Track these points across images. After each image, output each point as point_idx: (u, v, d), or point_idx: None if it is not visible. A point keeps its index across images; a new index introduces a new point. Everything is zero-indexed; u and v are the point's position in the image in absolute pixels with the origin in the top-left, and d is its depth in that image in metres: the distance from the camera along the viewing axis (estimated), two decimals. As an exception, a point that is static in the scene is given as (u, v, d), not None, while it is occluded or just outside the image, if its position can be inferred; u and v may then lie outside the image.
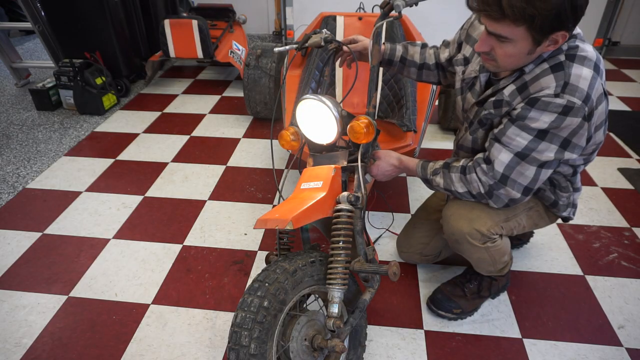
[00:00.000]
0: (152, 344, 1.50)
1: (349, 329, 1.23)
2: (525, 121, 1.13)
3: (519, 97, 1.15)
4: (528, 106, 1.11)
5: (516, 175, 1.20)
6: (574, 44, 1.11)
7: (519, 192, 1.22)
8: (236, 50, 3.50)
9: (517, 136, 1.15)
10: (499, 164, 1.20)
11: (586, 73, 1.08)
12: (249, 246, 1.92)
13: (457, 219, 1.36)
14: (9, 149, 2.71)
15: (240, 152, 2.65)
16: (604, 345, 1.48)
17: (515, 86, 1.16)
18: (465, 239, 1.35)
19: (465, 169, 1.28)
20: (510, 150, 1.17)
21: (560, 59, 1.10)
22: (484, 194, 1.26)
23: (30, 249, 1.92)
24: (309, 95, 1.27)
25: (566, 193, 1.36)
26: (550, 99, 1.08)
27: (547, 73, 1.10)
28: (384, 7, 1.45)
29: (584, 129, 1.12)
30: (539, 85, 1.11)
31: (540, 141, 1.14)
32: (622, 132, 2.79)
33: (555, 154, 1.15)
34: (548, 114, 1.09)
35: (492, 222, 1.33)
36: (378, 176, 1.44)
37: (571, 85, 1.07)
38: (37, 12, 3.16)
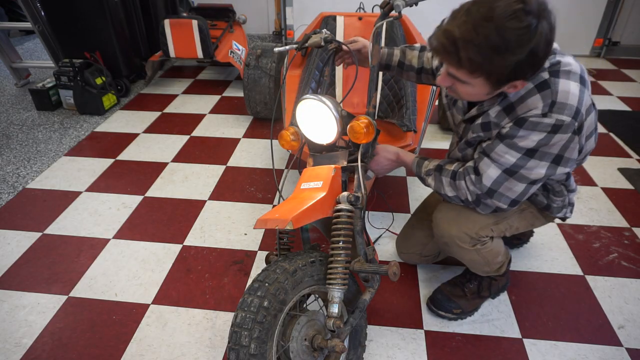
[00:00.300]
0: (152, 344, 1.50)
1: (349, 329, 1.23)
2: (513, 140, 1.12)
3: (506, 117, 1.13)
4: (516, 126, 1.10)
5: (504, 190, 1.19)
6: (555, 60, 1.09)
7: (505, 204, 1.22)
8: (236, 50, 3.50)
9: (506, 153, 1.14)
10: (487, 179, 1.19)
11: (574, 88, 1.06)
12: (249, 246, 1.92)
13: (446, 223, 1.36)
14: (9, 149, 2.71)
15: (240, 152, 2.65)
16: (604, 345, 1.48)
17: (500, 107, 1.15)
18: (454, 242, 1.36)
19: (456, 175, 1.28)
20: (499, 166, 1.16)
21: (544, 77, 1.08)
22: (471, 201, 1.26)
23: (30, 249, 1.92)
24: (309, 95, 1.27)
25: (560, 197, 1.35)
26: (539, 119, 1.07)
27: (533, 93, 1.08)
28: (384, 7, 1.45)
29: (575, 142, 1.11)
30: (526, 106, 1.09)
31: (530, 159, 1.13)
32: (622, 132, 2.79)
33: (547, 170, 1.14)
34: (537, 133, 1.08)
35: (481, 225, 1.33)
36: (376, 170, 1.45)
37: (559, 104, 1.05)
38: (37, 12, 3.16)
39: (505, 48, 0.95)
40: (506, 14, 0.93)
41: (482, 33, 0.95)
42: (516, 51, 0.95)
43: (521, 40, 0.94)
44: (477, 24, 0.95)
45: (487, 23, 0.94)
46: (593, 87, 3.46)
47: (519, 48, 0.95)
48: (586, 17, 3.92)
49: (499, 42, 0.94)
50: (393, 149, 1.43)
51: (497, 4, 0.94)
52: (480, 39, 0.95)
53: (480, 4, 0.96)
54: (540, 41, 0.95)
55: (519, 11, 0.93)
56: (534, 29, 0.93)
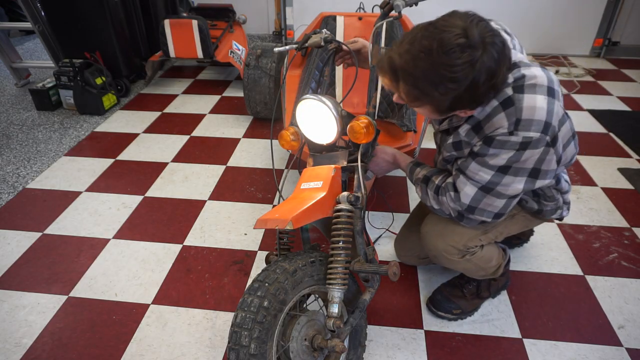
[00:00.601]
0: (152, 344, 1.50)
1: (349, 329, 1.23)
2: (484, 158, 1.11)
3: (476, 136, 1.13)
4: (485, 145, 1.09)
5: (484, 206, 1.19)
6: (519, 74, 1.05)
7: (489, 218, 1.21)
8: (236, 50, 3.50)
9: (479, 171, 1.13)
10: (465, 196, 1.18)
11: (540, 102, 1.03)
12: (249, 246, 1.92)
13: (432, 237, 1.37)
14: (9, 149, 2.71)
15: (240, 152, 2.65)
16: (604, 345, 1.48)
17: (469, 125, 1.14)
18: (442, 255, 1.36)
19: (439, 190, 1.27)
20: (474, 183, 1.16)
21: (508, 93, 1.04)
22: (454, 217, 1.26)
23: (30, 249, 1.91)
24: (309, 95, 1.27)
25: (552, 201, 1.33)
26: (506, 137, 1.05)
27: (498, 111, 1.06)
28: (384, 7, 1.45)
29: (550, 154, 1.09)
30: (492, 126, 1.07)
31: (504, 175, 1.11)
32: (622, 132, 2.79)
33: (525, 184, 1.13)
34: (506, 151, 1.07)
35: (469, 237, 1.32)
36: (374, 171, 1.45)
37: (524, 121, 1.03)
38: (37, 12, 3.16)
39: (440, 83, 0.94)
40: (444, 49, 0.91)
41: (419, 66, 0.94)
42: (451, 86, 0.94)
43: (456, 77, 0.93)
44: (416, 56, 0.94)
45: (425, 56, 0.93)
46: (593, 87, 3.46)
47: (454, 83, 0.94)
48: (586, 17, 3.92)
49: (434, 76, 0.94)
50: (391, 151, 1.44)
51: (439, 36, 0.92)
52: (417, 72, 0.95)
53: (425, 34, 0.94)
54: (479, 75, 0.93)
55: (457, 47, 0.90)
56: (472, 64, 0.91)
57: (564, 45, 4.08)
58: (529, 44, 4.11)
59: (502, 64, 0.95)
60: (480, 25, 0.93)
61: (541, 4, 3.88)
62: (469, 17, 0.94)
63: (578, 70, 3.75)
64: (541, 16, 3.94)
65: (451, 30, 0.92)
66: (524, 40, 4.28)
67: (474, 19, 0.93)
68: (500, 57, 0.94)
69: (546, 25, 3.99)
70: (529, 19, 3.96)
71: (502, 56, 0.94)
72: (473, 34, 0.91)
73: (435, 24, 0.95)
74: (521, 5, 3.91)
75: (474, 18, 0.94)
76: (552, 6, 3.88)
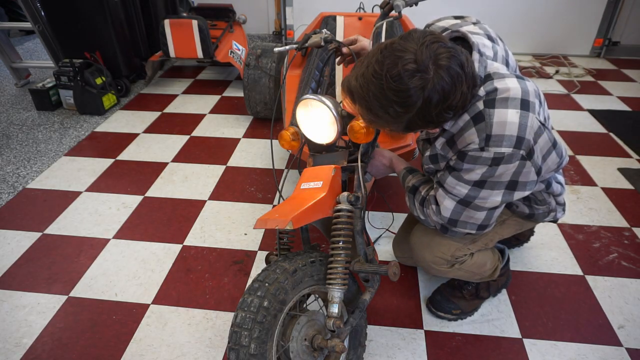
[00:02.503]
0: (152, 344, 1.50)
1: (349, 329, 1.23)
2: (460, 172, 1.11)
3: (450, 150, 1.12)
4: (459, 160, 1.09)
5: (465, 218, 1.18)
6: (492, 87, 1.03)
7: (473, 229, 1.21)
8: (236, 50, 3.50)
9: (456, 185, 1.13)
10: (445, 210, 1.18)
11: (512, 116, 1.01)
12: (249, 246, 1.92)
13: (420, 248, 1.36)
14: (9, 149, 2.71)
15: (240, 152, 2.65)
16: (604, 345, 1.48)
17: (444, 139, 1.13)
18: (431, 267, 1.36)
19: (424, 202, 1.27)
20: (453, 197, 1.15)
21: (479, 107, 1.03)
22: (439, 230, 1.25)
23: (30, 249, 1.92)
24: (309, 95, 1.27)
25: (544, 205, 1.31)
26: (477, 153, 1.04)
27: (469, 126, 1.05)
28: (384, 7, 1.45)
29: (528, 167, 1.07)
30: (464, 141, 1.06)
31: (480, 189, 1.11)
32: (622, 132, 2.79)
33: (503, 197, 1.12)
34: (479, 167, 1.06)
35: (456, 247, 1.32)
36: (372, 173, 1.45)
37: (495, 137, 1.01)
38: (37, 12, 3.16)
39: (390, 106, 0.94)
40: (392, 74, 0.91)
41: (371, 90, 0.95)
42: (401, 110, 0.94)
43: (405, 101, 0.92)
44: (369, 80, 0.95)
45: (375, 81, 0.93)
46: (593, 87, 3.46)
47: (403, 108, 0.94)
48: (586, 17, 3.92)
49: (384, 100, 0.94)
50: (388, 154, 1.43)
51: (389, 60, 0.92)
52: (369, 96, 0.96)
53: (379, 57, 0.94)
54: (430, 99, 0.92)
55: (405, 72, 0.90)
56: (422, 88, 0.91)
57: (564, 45, 4.08)
58: (529, 44, 4.11)
59: (457, 85, 0.93)
60: (433, 47, 0.91)
61: (541, 4, 3.88)
62: (424, 38, 0.93)
63: (578, 70, 3.75)
64: (541, 16, 3.94)
65: (402, 55, 0.91)
66: (524, 40, 4.27)
67: (426, 41, 0.92)
68: (455, 79, 0.92)
69: (546, 25, 3.99)
70: (529, 19, 3.96)
71: (457, 78, 0.92)
72: (422, 58, 0.90)
73: (391, 46, 0.94)
74: (521, 6, 3.91)
75: (428, 40, 0.92)
76: (552, 6, 3.88)
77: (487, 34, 1.16)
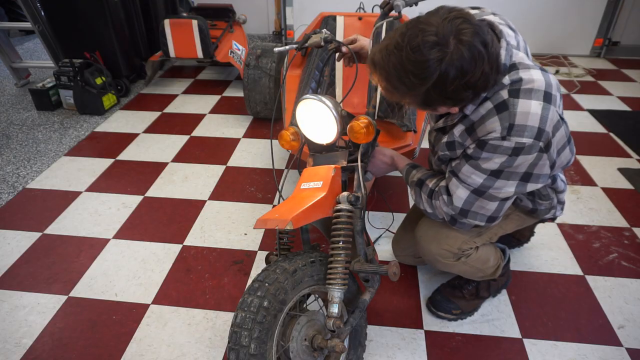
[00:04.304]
0: (152, 344, 1.50)
1: (349, 329, 1.23)
2: (477, 161, 1.11)
3: (469, 138, 1.12)
4: (478, 148, 1.09)
5: (477, 209, 1.18)
6: (517, 77, 1.04)
7: (482, 221, 1.21)
8: (236, 50, 3.50)
9: (472, 174, 1.13)
10: (457, 200, 1.18)
11: (535, 107, 1.02)
12: (249, 246, 1.92)
13: (426, 241, 1.36)
14: (9, 149, 2.71)
15: (240, 152, 2.65)
16: (604, 345, 1.48)
17: (463, 126, 1.13)
18: (437, 260, 1.36)
19: (433, 194, 1.27)
20: (467, 186, 1.15)
21: (504, 96, 1.04)
22: (447, 221, 1.26)
23: (30, 249, 1.91)
24: (309, 95, 1.27)
25: (547, 200, 1.33)
26: (498, 142, 1.05)
27: (491, 114, 1.05)
28: (384, 7, 1.45)
29: (543, 159, 1.08)
30: (484, 129, 1.06)
31: (496, 179, 1.11)
32: (622, 132, 2.79)
33: (516, 188, 1.13)
34: (498, 156, 1.06)
35: (463, 240, 1.32)
36: (373, 172, 1.45)
37: (517, 127, 1.02)
38: (37, 12, 3.16)
39: (406, 78, 0.95)
40: (411, 46, 0.92)
41: (390, 62, 0.96)
42: (416, 82, 0.95)
43: (421, 73, 0.93)
44: (390, 51, 0.96)
45: (396, 52, 0.95)
46: (593, 87, 3.46)
47: (419, 80, 0.94)
48: (586, 17, 3.92)
49: (401, 72, 0.95)
50: (389, 152, 1.43)
51: (412, 33, 0.93)
52: (389, 67, 0.97)
53: (403, 30, 0.95)
54: (447, 73, 0.92)
55: (425, 44, 0.91)
56: (438, 61, 0.91)
57: (564, 45, 4.08)
58: (529, 44, 4.10)
59: (478, 63, 0.93)
60: (456, 22, 0.92)
61: (541, 4, 3.88)
62: (449, 13, 0.94)
63: (578, 70, 3.75)
64: (541, 16, 3.94)
65: (425, 27, 0.92)
66: (524, 40, 4.27)
67: (451, 16, 0.93)
68: (476, 57, 0.92)
69: (546, 25, 3.99)
70: (529, 19, 3.96)
71: (479, 56, 0.92)
72: (444, 32, 0.91)
73: (416, 19, 0.96)
74: (521, 6, 3.91)
75: (452, 15, 0.93)
76: (552, 6, 3.88)
77: (508, 25, 1.17)
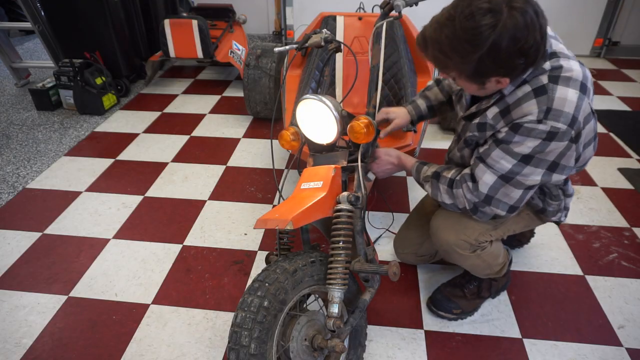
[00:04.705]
0: (152, 344, 1.50)
1: (349, 329, 1.23)
2: (509, 145, 1.11)
3: (502, 121, 1.13)
4: (512, 131, 1.09)
5: (501, 196, 1.19)
6: (558, 64, 1.07)
7: (504, 210, 1.21)
8: (236, 50, 3.50)
9: (502, 159, 1.13)
10: (483, 185, 1.18)
11: (572, 95, 1.04)
12: (249, 246, 1.92)
13: (444, 231, 1.36)
14: (9, 149, 2.71)
15: (240, 152, 2.65)
16: (604, 345, 1.48)
17: (498, 109, 1.14)
18: (454, 250, 1.36)
19: (453, 183, 1.27)
20: (494, 172, 1.16)
21: (543, 81, 1.06)
22: (468, 209, 1.25)
23: (30, 249, 1.91)
24: (309, 95, 1.27)
25: (557, 201, 1.34)
26: (534, 125, 1.06)
27: (529, 97, 1.07)
28: (384, 7, 1.45)
29: (572, 150, 1.10)
30: (521, 111, 1.08)
31: (525, 165, 1.12)
32: (622, 132, 2.78)
33: (542, 176, 1.14)
34: (532, 140, 1.07)
35: (480, 232, 1.33)
36: (378, 173, 1.45)
37: (555, 111, 1.04)
38: (37, 12, 3.16)
39: (460, 46, 0.97)
40: (464, 14, 0.95)
41: (443, 32, 0.99)
42: (470, 49, 0.96)
43: (475, 39, 0.95)
44: (442, 24, 0.99)
45: (449, 22, 0.98)
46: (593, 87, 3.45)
47: (473, 47, 0.96)
48: (586, 17, 3.92)
49: (455, 40, 0.97)
50: (395, 153, 1.43)
51: (463, 3, 0.96)
52: (441, 38, 0.99)
53: (455, 3, 0.99)
54: (501, 39, 0.94)
55: (478, 11, 0.94)
56: (492, 27, 0.93)
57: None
58: (529, 44, 4.10)
59: (530, 30, 0.95)
60: None
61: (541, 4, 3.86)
62: None
63: (578, 70, 3.75)
64: (541, 16, 3.94)
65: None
66: (524, 40, 4.27)
67: None
68: (529, 24, 0.94)
69: (546, 25, 3.98)
70: (529, 19, 3.96)
71: (531, 24, 0.95)
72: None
73: None
74: (521, 5, 3.91)
75: None
76: (552, 6, 3.88)
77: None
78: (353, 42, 2.26)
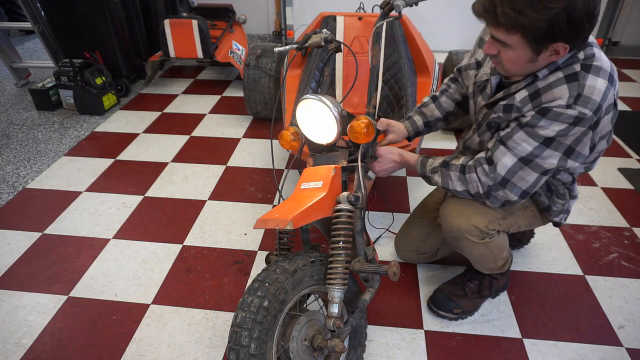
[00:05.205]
0: (152, 344, 1.50)
1: (349, 329, 1.23)
2: (534, 129, 1.13)
3: (530, 104, 1.14)
4: (539, 115, 1.11)
5: (517, 180, 1.20)
6: (591, 52, 1.10)
7: (516, 195, 1.23)
8: (236, 50, 3.50)
9: (524, 142, 1.15)
10: (502, 167, 1.20)
11: (600, 84, 1.07)
12: (249, 246, 1.92)
13: (455, 216, 1.36)
14: (9, 149, 2.71)
15: (240, 152, 2.65)
16: (604, 345, 1.48)
17: (527, 92, 1.16)
18: (464, 236, 1.36)
19: (465, 168, 1.28)
20: (515, 154, 1.17)
21: (576, 69, 1.09)
22: (482, 194, 1.26)
23: (30, 249, 1.92)
24: (309, 95, 1.27)
25: (562, 200, 1.36)
26: (562, 109, 1.08)
27: (560, 83, 1.09)
28: (384, 7, 1.45)
29: (588, 137, 1.13)
30: (551, 95, 1.10)
31: (546, 148, 1.14)
32: (622, 132, 2.78)
33: (559, 161, 1.16)
34: (558, 124, 1.10)
35: (490, 219, 1.34)
36: (380, 172, 1.44)
37: (584, 97, 1.07)
38: (37, 12, 3.16)
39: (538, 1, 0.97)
40: None
41: None
42: (549, 4, 0.97)
43: None
44: None
45: None
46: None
47: (552, 2, 0.97)
48: (586, 17, 3.91)
49: None
50: (397, 151, 1.43)
51: None
52: None
53: None
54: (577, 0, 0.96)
55: None
56: None
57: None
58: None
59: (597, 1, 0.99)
60: None
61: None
62: None
63: (578, 70, 3.75)
64: (541, 16, 3.94)
65: None
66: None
67: None
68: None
69: (546, 25, 3.98)
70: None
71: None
72: None
73: None
74: (521, 5, 3.90)
75: None
76: None
77: None
78: (353, 42, 2.26)
